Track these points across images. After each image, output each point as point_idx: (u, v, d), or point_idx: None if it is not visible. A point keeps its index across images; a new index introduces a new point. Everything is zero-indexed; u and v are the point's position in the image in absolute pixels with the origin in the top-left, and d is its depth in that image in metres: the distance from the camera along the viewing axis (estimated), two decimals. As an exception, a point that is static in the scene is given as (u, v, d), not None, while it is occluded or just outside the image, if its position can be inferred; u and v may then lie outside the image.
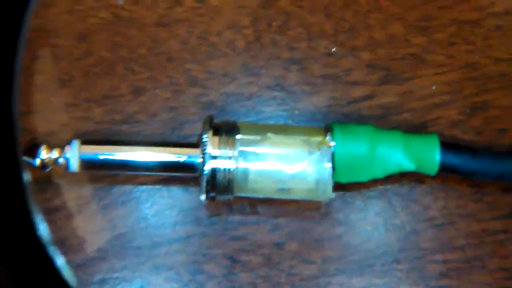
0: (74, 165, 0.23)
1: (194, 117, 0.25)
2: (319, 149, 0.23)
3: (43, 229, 0.18)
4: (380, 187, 0.25)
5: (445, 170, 0.24)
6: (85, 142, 0.23)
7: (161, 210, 0.25)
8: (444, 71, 0.26)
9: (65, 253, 0.24)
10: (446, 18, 0.26)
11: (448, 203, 0.25)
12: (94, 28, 0.26)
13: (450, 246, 0.25)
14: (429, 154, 0.23)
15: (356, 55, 0.26)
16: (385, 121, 0.25)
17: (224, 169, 0.23)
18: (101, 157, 0.23)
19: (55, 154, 0.23)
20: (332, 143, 0.23)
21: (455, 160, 0.23)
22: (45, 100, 0.25)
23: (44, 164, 0.23)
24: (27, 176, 0.18)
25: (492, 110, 0.26)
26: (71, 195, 0.25)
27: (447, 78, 0.26)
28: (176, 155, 0.23)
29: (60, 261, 0.18)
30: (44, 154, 0.23)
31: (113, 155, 0.23)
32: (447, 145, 0.24)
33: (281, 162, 0.23)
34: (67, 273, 0.18)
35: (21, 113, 0.24)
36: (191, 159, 0.23)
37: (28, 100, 0.25)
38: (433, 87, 0.26)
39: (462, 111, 0.26)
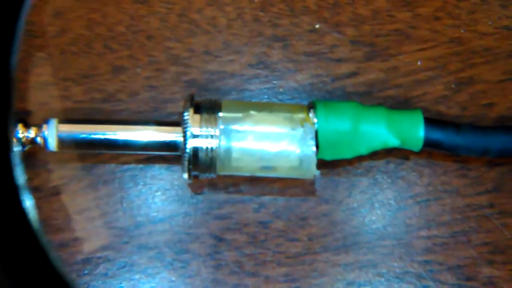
0: (53, 144, 0.23)
1: (176, 96, 0.25)
2: (302, 126, 0.23)
3: (34, 218, 0.18)
4: (366, 164, 0.25)
5: (429, 145, 0.23)
6: (63, 121, 0.23)
7: (144, 189, 0.25)
8: (429, 46, 0.26)
9: (47, 233, 0.24)
10: (430, -8, 0.26)
11: (433, 179, 0.25)
12: (70, 4, 0.25)
13: (436, 222, 0.25)
14: (413, 130, 0.23)
15: (340, 31, 0.26)
16: (370, 98, 0.25)
17: (206, 147, 0.22)
18: (80, 136, 0.23)
19: (32, 133, 0.22)
20: (315, 120, 0.23)
21: (439, 135, 0.23)
22: (21, 78, 0.25)
23: (21, 143, 0.22)
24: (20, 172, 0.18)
25: (477, 85, 0.26)
26: (51, 175, 0.24)
27: (432, 53, 0.26)
28: (158, 134, 0.23)
29: (53, 253, 0.18)
30: (21, 133, 0.22)
31: (92, 134, 0.23)
32: (431, 121, 0.23)
33: (264, 140, 0.23)
34: (61, 265, 0.18)
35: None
36: (173, 138, 0.23)
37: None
38: (418, 63, 0.26)
39: (447, 86, 0.26)
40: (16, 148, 0.22)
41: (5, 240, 0.18)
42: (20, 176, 0.18)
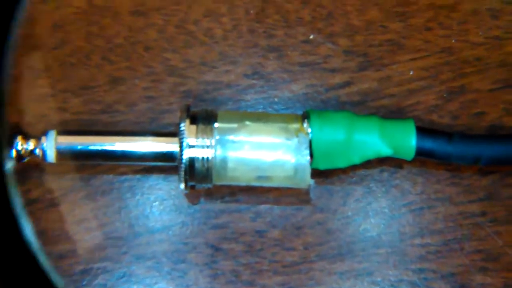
0: (51, 156, 0.23)
1: (173, 106, 0.25)
2: (296, 136, 0.23)
3: (27, 227, 0.18)
4: (360, 173, 0.25)
5: (421, 154, 0.24)
6: (61, 132, 0.23)
7: (141, 200, 0.25)
8: (421, 56, 0.26)
9: (45, 244, 0.24)
10: (422, 3, 0.26)
11: (426, 187, 0.25)
12: (69, 17, 0.26)
13: (429, 230, 0.25)
14: (405, 139, 0.24)
15: (334, 42, 0.26)
16: (363, 107, 0.26)
17: (202, 157, 0.23)
18: (79, 147, 0.23)
19: (31, 145, 0.23)
20: (309, 130, 0.23)
21: (431, 144, 0.24)
22: (20, 90, 0.25)
23: (20, 155, 0.23)
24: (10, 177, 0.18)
25: (468, 94, 0.26)
26: (50, 186, 0.24)
27: (424, 63, 0.26)
28: (155, 144, 0.23)
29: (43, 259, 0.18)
30: (20, 145, 0.23)
31: (90, 145, 0.23)
32: (423, 130, 0.24)
33: (259, 150, 0.23)
34: (52, 272, 0.18)
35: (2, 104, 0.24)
36: (170, 149, 0.23)
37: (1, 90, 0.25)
38: (411, 73, 0.26)
39: (439, 95, 0.26)
40: (17, 160, 0.23)
41: None
42: (12, 187, 0.18)
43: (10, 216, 0.17)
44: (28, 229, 0.18)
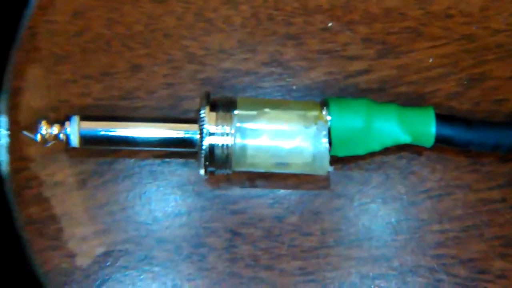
0: (75, 141, 0.23)
1: (192, 93, 0.26)
2: (315, 123, 0.23)
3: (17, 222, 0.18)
4: (378, 160, 0.25)
5: (441, 141, 0.24)
6: (84, 118, 0.23)
7: (162, 184, 0.25)
8: (441, 43, 0.26)
9: (68, 226, 0.25)
10: (442, -10, 0.26)
11: (445, 174, 0.25)
12: (90, 4, 0.26)
13: (448, 216, 0.25)
14: (424, 127, 0.23)
15: (353, 29, 0.26)
16: (382, 95, 0.26)
17: (222, 144, 0.23)
18: (101, 132, 0.23)
19: (55, 130, 0.23)
20: (328, 117, 0.23)
21: (451, 131, 0.24)
22: (43, 76, 0.25)
23: (45, 139, 0.23)
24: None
25: (489, 81, 0.26)
26: (72, 170, 0.25)
27: (444, 50, 0.26)
28: (175, 131, 0.23)
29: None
30: (44, 129, 0.23)
31: (112, 131, 0.23)
32: (442, 117, 0.24)
33: (278, 137, 0.23)
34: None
35: (19, 89, 0.24)
36: (190, 135, 0.23)
37: (26, 76, 0.25)
38: (430, 60, 0.26)
39: (459, 83, 0.26)
40: (41, 144, 0.23)
41: None
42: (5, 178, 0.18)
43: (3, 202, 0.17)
44: (17, 215, 0.17)
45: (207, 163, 0.23)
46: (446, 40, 0.26)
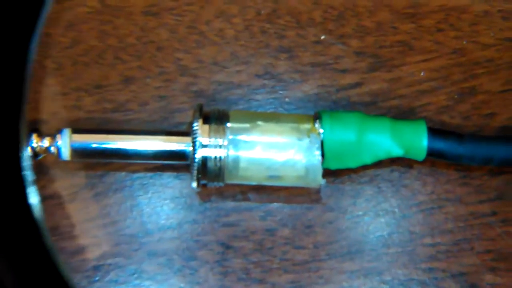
0: (66, 154, 0.23)
1: (185, 106, 0.26)
2: (308, 136, 0.23)
3: (42, 222, 0.18)
4: (370, 173, 0.25)
5: (432, 155, 0.24)
6: (76, 130, 0.23)
7: (153, 197, 0.25)
8: (432, 57, 0.26)
9: (58, 240, 0.24)
10: (433, 5, 0.27)
11: (436, 187, 0.25)
12: (82, 16, 0.26)
13: (439, 230, 0.25)
14: (416, 140, 0.24)
15: (345, 43, 0.26)
16: (374, 108, 0.26)
17: (215, 157, 0.23)
18: (93, 145, 0.23)
19: (46, 142, 0.23)
20: (321, 130, 0.23)
21: (442, 145, 0.24)
22: (34, 89, 0.25)
23: (35, 152, 0.23)
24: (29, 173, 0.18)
25: (479, 95, 0.26)
26: (63, 183, 0.25)
27: (435, 64, 0.26)
28: (167, 143, 0.23)
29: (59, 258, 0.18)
30: (35, 142, 0.23)
31: (104, 143, 0.23)
32: (434, 131, 0.24)
33: (271, 150, 0.23)
34: (65, 269, 0.18)
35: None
36: (182, 148, 0.23)
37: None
38: (422, 74, 0.26)
39: (450, 96, 0.26)
40: (26, 154, 0.23)
41: (12, 242, 0.18)
42: (30, 180, 0.18)
43: (27, 211, 0.18)
44: (43, 225, 0.18)
45: (199, 175, 0.23)
46: (437, 54, 0.26)
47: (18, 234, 0.18)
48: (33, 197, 0.18)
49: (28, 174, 0.17)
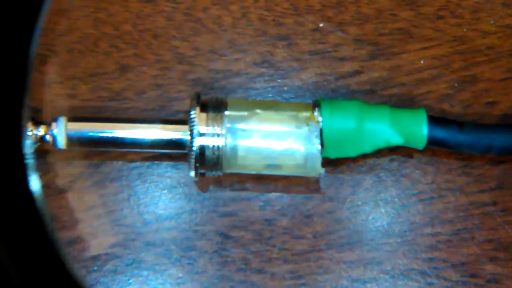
0: (61, 142, 0.23)
1: (182, 94, 0.25)
2: (307, 124, 0.23)
3: (45, 213, 0.18)
4: (370, 162, 0.25)
5: (433, 143, 0.24)
6: (71, 119, 0.23)
7: (151, 187, 0.25)
8: (432, 45, 0.26)
9: (55, 230, 0.24)
10: (433, -8, 0.26)
11: (436, 177, 0.25)
12: (76, 3, 0.26)
13: (439, 219, 0.25)
14: (416, 128, 0.23)
15: (344, 30, 0.26)
16: (374, 96, 0.25)
17: (213, 146, 0.23)
18: (89, 134, 0.23)
19: (41, 131, 0.23)
20: (320, 119, 0.23)
21: (442, 133, 0.23)
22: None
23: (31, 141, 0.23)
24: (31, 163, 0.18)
25: (480, 83, 0.26)
26: (60, 173, 0.24)
27: (435, 52, 0.26)
28: (165, 132, 0.23)
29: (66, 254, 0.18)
30: (30, 131, 0.22)
31: (100, 132, 0.23)
32: (434, 119, 0.24)
33: (269, 138, 0.23)
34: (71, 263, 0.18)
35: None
36: (180, 136, 0.23)
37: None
38: (422, 62, 0.26)
39: (450, 85, 0.26)
40: (29, 142, 0.23)
41: (16, 234, 0.18)
42: (32, 171, 0.18)
43: (30, 202, 0.17)
44: (45, 214, 0.18)
45: (197, 164, 0.23)
46: (438, 42, 0.26)
47: (20, 223, 0.18)
48: (35, 185, 0.17)
49: (30, 162, 0.17)
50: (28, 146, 0.18)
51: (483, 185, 0.25)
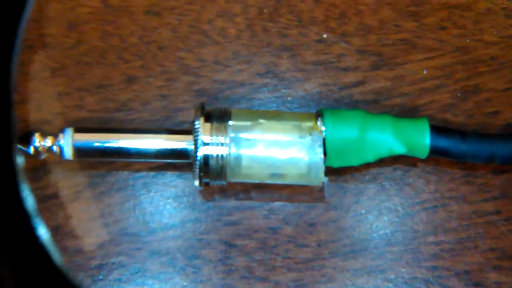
0: (68, 153, 0.23)
1: (187, 105, 0.26)
2: (310, 134, 0.23)
3: (39, 223, 0.18)
4: (373, 171, 0.25)
5: (435, 153, 0.24)
6: (78, 130, 0.23)
7: (156, 196, 0.25)
8: (435, 55, 0.26)
9: (61, 240, 0.24)
10: (436, 2, 0.26)
11: (440, 186, 0.25)
12: (85, 17, 0.26)
13: (443, 228, 0.25)
14: (419, 138, 0.24)
15: (347, 41, 0.26)
16: (377, 106, 0.26)
17: (217, 155, 0.23)
18: (95, 144, 0.23)
19: (48, 142, 0.23)
20: (323, 128, 0.23)
21: (445, 143, 0.24)
22: (37, 89, 0.25)
23: (38, 152, 0.23)
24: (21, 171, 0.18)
25: (482, 93, 0.26)
26: (66, 183, 0.25)
27: (438, 62, 0.26)
28: (170, 142, 0.23)
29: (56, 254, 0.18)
30: (37, 142, 0.23)
31: (106, 142, 0.23)
32: (437, 128, 0.24)
33: (273, 148, 0.23)
34: (65, 267, 0.18)
35: (13, 102, 0.24)
36: (184, 146, 0.23)
37: (20, 89, 0.25)
38: (424, 72, 0.26)
39: (453, 95, 0.26)
40: (34, 157, 0.23)
41: (10, 244, 0.18)
42: (25, 188, 0.18)
43: (23, 213, 0.17)
44: (41, 226, 0.18)
45: (201, 174, 0.23)
46: (440, 52, 0.26)
47: (14, 233, 0.18)
48: (29, 198, 0.17)
49: (22, 177, 0.17)
50: (20, 159, 0.18)
51: (486, 194, 0.25)
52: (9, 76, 0.18)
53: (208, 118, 0.23)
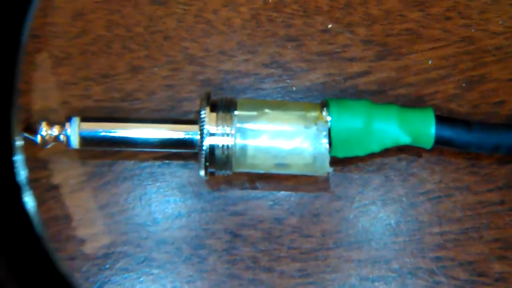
0: (75, 142, 0.23)
1: (192, 95, 0.26)
2: (315, 124, 0.23)
3: (36, 219, 0.18)
4: (378, 162, 0.25)
5: (440, 143, 0.24)
6: (84, 119, 0.23)
7: (161, 186, 0.25)
8: (440, 45, 0.26)
9: (67, 229, 0.25)
10: (441, -8, 0.26)
11: (444, 176, 0.25)
12: (90, 6, 0.26)
13: (447, 218, 0.25)
14: (424, 128, 0.24)
15: (352, 31, 0.26)
16: (382, 97, 0.26)
17: (223, 145, 0.23)
18: (101, 133, 0.23)
19: (55, 131, 0.23)
20: (329, 118, 0.23)
21: (450, 133, 0.24)
22: (43, 78, 0.25)
23: (45, 141, 0.23)
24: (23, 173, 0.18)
25: (488, 84, 0.26)
26: (73, 172, 0.25)
27: (443, 52, 0.26)
28: (175, 132, 0.23)
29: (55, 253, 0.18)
30: (44, 131, 0.23)
31: (113, 132, 0.23)
32: (442, 118, 0.24)
33: (278, 138, 0.23)
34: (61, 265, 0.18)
35: (20, 91, 0.24)
36: (190, 136, 0.23)
37: (26, 78, 0.25)
38: (430, 62, 0.26)
39: (458, 85, 0.26)
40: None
41: (9, 241, 0.18)
42: (22, 176, 0.18)
43: (18, 203, 0.17)
44: (35, 216, 0.18)
45: (207, 164, 0.23)
46: (446, 42, 0.26)
47: (13, 231, 0.18)
48: (27, 194, 0.18)
49: (22, 172, 0.17)
50: (19, 154, 0.18)
51: (491, 184, 0.25)
52: (15, 65, 0.18)
53: (214, 108, 0.23)
